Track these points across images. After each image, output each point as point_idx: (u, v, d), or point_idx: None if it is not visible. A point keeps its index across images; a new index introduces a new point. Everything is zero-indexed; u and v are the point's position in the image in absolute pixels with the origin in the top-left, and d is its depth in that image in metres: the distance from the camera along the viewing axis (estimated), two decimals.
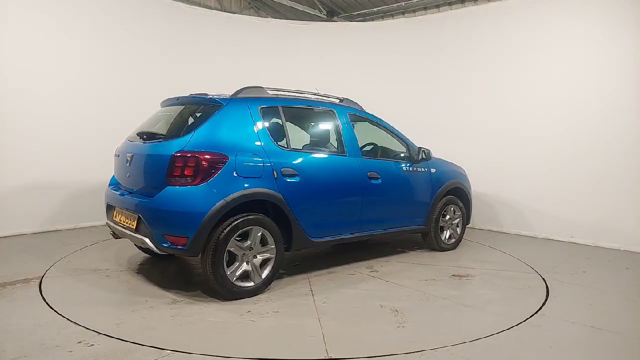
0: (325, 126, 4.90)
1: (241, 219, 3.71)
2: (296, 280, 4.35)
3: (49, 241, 5.62)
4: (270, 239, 3.90)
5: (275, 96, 4.40)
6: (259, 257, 3.87)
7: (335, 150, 4.70)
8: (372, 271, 4.69)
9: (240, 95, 4.15)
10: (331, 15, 10.12)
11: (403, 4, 9.16)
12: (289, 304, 3.73)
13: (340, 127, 4.66)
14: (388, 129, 5.17)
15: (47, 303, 3.59)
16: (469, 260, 5.23)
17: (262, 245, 3.88)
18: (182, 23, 7.48)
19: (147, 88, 6.82)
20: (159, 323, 3.29)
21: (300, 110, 4.71)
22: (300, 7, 9.71)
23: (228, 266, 3.70)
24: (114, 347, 2.88)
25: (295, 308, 3.64)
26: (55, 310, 3.44)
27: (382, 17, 9.88)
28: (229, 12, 9.48)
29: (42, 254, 4.98)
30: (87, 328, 3.13)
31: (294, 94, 4.64)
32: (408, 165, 5.12)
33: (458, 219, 5.69)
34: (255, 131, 3.98)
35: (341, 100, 4.99)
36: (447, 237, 5.60)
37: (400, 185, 5.04)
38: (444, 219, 5.53)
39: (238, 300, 3.72)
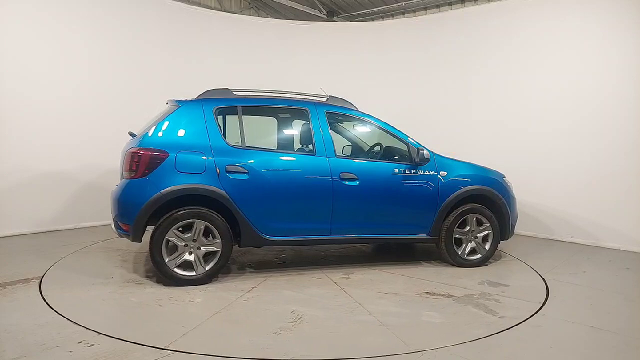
0: (294, 125, 4.89)
1: (180, 212, 3.98)
2: (254, 276, 4.42)
3: (49, 241, 5.62)
4: (216, 233, 4.08)
5: (242, 97, 4.51)
6: (203, 249, 4.08)
7: (303, 149, 4.65)
8: (342, 278, 4.44)
9: (202, 97, 4.43)
10: (331, 15, 10.12)
11: (403, 4, 9.17)
12: (213, 296, 3.87)
13: (312, 125, 4.53)
14: (385, 129, 4.82)
15: (47, 303, 3.60)
16: (474, 279, 4.45)
17: (207, 239, 4.09)
18: (182, 23, 7.48)
19: (148, 88, 6.83)
20: (92, 297, 3.80)
21: (265, 110, 4.79)
22: (300, 7, 9.71)
23: (170, 254, 3.99)
24: (114, 347, 2.89)
25: (211, 302, 3.75)
26: (55, 310, 3.44)
27: (382, 17, 9.88)
28: (229, 12, 9.49)
29: (42, 254, 4.98)
30: (87, 328, 3.13)
31: (267, 94, 4.66)
32: (404, 167, 4.67)
33: (486, 232, 4.91)
34: (205, 130, 4.20)
35: (327, 99, 4.85)
36: (466, 251, 4.87)
37: (387, 187, 4.61)
38: (460, 229, 4.83)
39: (178, 287, 3.98)
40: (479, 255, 4.93)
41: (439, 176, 4.76)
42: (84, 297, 3.80)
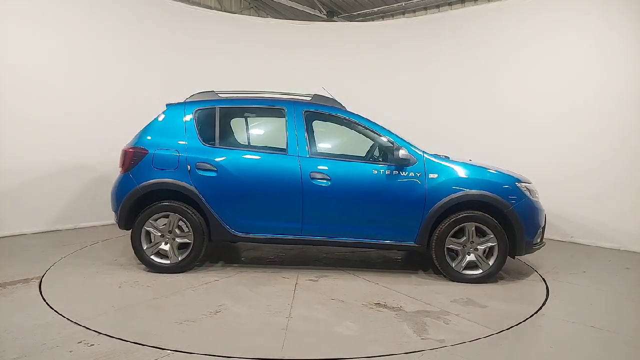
0: (269, 124, 5.03)
1: (156, 205, 4.38)
2: (228, 270, 4.59)
3: (49, 241, 5.62)
4: (189, 226, 4.39)
5: (221, 98, 4.74)
6: (177, 241, 4.43)
7: (276, 148, 4.66)
8: (309, 280, 4.34)
9: (189, 99, 4.73)
10: (331, 15, 10.13)
11: (403, 4, 9.18)
12: (170, 284, 4.12)
13: (286, 125, 4.53)
14: (372, 129, 4.53)
15: (47, 303, 3.60)
16: (452, 296, 3.97)
17: (181, 231, 4.42)
18: (182, 23, 7.48)
19: (147, 88, 6.85)
20: (72, 277, 4.26)
21: (243, 110, 5.03)
22: (300, 7, 9.71)
23: (149, 243, 4.41)
24: (114, 347, 2.89)
25: (163, 288, 4.01)
26: (55, 310, 3.44)
27: (382, 17, 9.89)
28: (229, 12, 9.49)
29: (42, 254, 4.98)
30: (87, 328, 3.13)
31: (249, 95, 4.79)
32: (384, 168, 4.36)
33: (490, 244, 4.29)
34: (183, 130, 4.53)
35: (312, 98, 4.77)
36: (463, 264, 4.32)
37: (363, 189, 4.35)
38: (455, 239, 4.32)
39: (155, 273, 4.37)
40: (479, 271, 4.33)
41: (426, 179, 4.33)
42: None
